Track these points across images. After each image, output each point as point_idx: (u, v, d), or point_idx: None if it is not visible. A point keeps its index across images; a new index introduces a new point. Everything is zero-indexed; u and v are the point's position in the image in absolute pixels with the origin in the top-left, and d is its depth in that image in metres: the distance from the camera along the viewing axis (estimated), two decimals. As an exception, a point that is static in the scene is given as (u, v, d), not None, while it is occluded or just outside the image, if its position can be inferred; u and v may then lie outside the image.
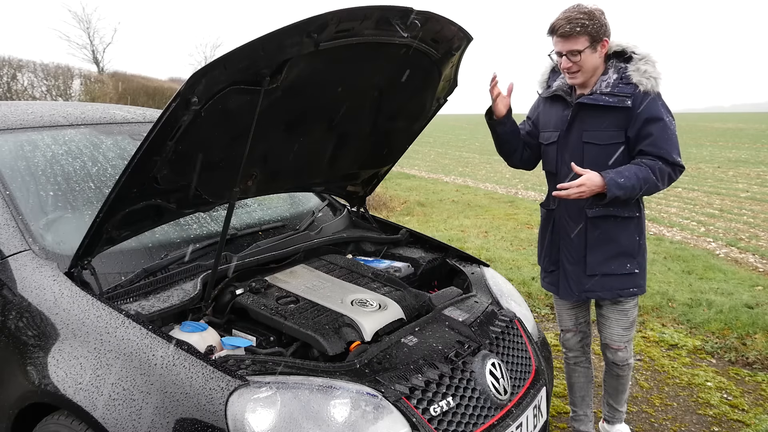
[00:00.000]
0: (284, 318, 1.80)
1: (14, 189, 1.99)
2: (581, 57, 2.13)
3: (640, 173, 2.11)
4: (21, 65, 16.07)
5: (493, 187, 12.22)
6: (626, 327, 2.37)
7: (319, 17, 1.56)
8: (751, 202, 9.57)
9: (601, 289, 2.30)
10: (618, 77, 2.18)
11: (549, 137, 2.36)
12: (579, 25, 2.09)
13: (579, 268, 2.31)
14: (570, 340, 2.53)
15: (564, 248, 2.35)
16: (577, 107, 2.23)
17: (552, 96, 2.36)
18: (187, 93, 1.49)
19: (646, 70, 2.14)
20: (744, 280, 5.13)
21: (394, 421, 1.52)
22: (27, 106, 2.54)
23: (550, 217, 2.41)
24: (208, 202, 1.99)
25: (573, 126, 2.26)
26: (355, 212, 2.83)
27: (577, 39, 2.11)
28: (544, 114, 2.42)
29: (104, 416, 1.45)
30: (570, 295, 2.37)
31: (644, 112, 2.13)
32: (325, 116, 2.10)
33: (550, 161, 2.39)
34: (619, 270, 2.27)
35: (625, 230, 2.26)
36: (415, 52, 1.99)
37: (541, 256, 2.52)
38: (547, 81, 2.42)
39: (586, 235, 2.27)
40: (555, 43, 2.18)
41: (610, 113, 2.17)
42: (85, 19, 33.22)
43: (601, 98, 2.16)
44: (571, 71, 2.18)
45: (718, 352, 3.65)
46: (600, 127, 2.20)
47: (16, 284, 1.73)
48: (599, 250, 2.27)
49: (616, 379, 2.50)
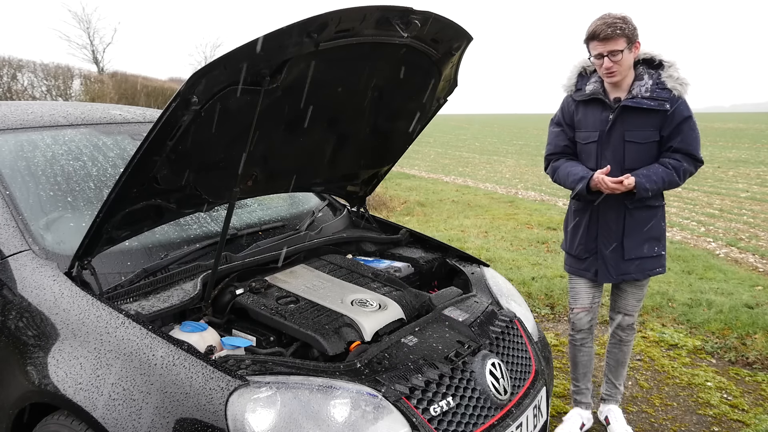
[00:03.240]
0: (284, 318, 1.80)
1: (14, 189, 1.99)
2: (621, 57, 2.32)
3: (666, 177, 2.39)
4: (21, 65, 16.06)
5: (493, 187, 12.22)
6: (639, 299, 2.67)
7: (319, 17, 1.56)
8: (751, 202, 9.57)
9: (636, 271, 2.55)
10: (653, 83, 2.40)
11: (587, 137, 2.53)
12: (618, 27, 2.29)
13: (617, 254, 2.53)
14: (582, 319, 2.71)
15: (602, 236, 2.55)
16: (620, 109, 2.42)
17: (587, 99, 2.52)
18: (187, 93, 1.49)
19: (678, 76, 2.38)
20: (744, 280, 5.13)
21: (394, 421, 1.52)
22: (27, 106, 2.54)
23: (587, 207, 2.58)
24: (208, 202, 1.99)
25: (615, 126, 2.45)
26: (355, 212, 2.83)
27: (617, 40, 2.30)
28: (578, 115, 2.57)
29: (104, 416, 1.45)
30: (608, 279, 2.58)
31: (677, 114, 2.37)
32: (325, 116, 2.10)
33: (588, 158, 2.55)
34: (650, 253, 2.55)
35: (654, 217, 2.54)
36: (415, 52, 1.99)
37: (573, 244, 2.65)
38: (575, 85, 2.59)
39: (625, 223, 2.50)
40: (594, 47, 2.36)
41: (649, 115, 2.39)
42: (85, 19, 33.24)
43: (643, 102, 2.38)
44: (611, 71, 2.36)
45: (718, 352, 3.65)
46: (640, 128, 2.42)
47: (16, 284, 1.73)
48: (635, 237, 2.51)
49: (619, 346, 2.74)
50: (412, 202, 9.92)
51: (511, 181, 13.06)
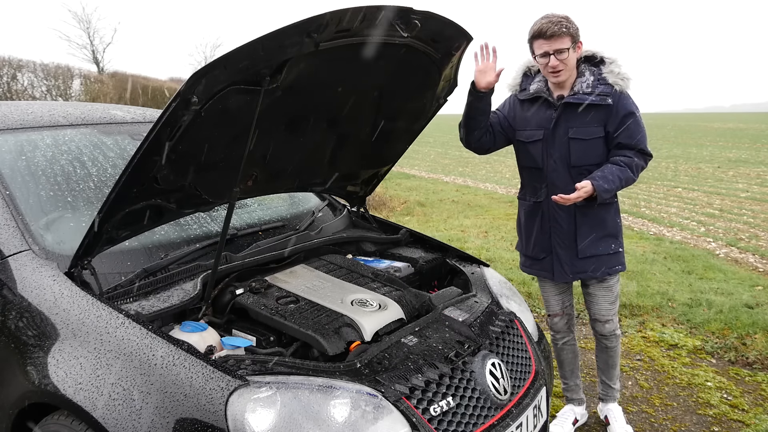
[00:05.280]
0: (284, 318, 1.80)
1: (14, 189, 1.99)
2: (567, 55, 2.32)
3: (622, 174, 2.36)
4: (21, 65, 16.04)
5: (493, 187, 12.23)
6: (611, 301, 2.62)
7: (319, 17, 1.57)
8: (751, 202, 9.57)
9: (592, 270, 2.53)
10: (594, 79, 2.40)
11: (532, 135, 2.52)
12: (563, 26, 2.29)
13: (571, 252, 2.52)
14: (558, 324, 2.74)
15: (555, 235, 2.53)
16: (563, 106, 2.41)
17: (531, 98, 2.52)
18: (187, 93, 1.49)
19: (619, 72, 2.38)
20: (744, 280, 5.13)
21: (394, 421, 1.52)
22: (27, 106, 2.54)
23: (537, 208, 2.57)
24: (208, 202, 1.99)
25: (559, 124, 2.44)
26: (355, 212, 2.83)
27: (562, 39, 2.30)
28: (522, 114, 2.56)
29: (104, 416, 1.45)
30: (564, 277, 2.57)
31: (621, 108, 2.38)
32: (325, 116, 2.10)
33: (533, 158, 2.53)
34: (606, 250, 2.52)
35: (607, 214, 2.51)
36: (415, 52, 1.99)
37: (528, 245, 2.65)
38: (520, 84, 2.59)
39: (576, 222, 2.49)
40: (539, 46, 2.34)
41: (592, 111, 2.39)
42: (85, 19, 33.16)
43: (585, 97, 2.38)
44: (557, 70, 2.35)
45: (718, 352, 3.65)
46: (584, 124, 2.41)
47: (16, 284, 1.73)
48: (588, 235, 2.49)
49: (606, 351, 2.72)
50: (412, 202, 9.93)
51: (511, 181, 13.06)
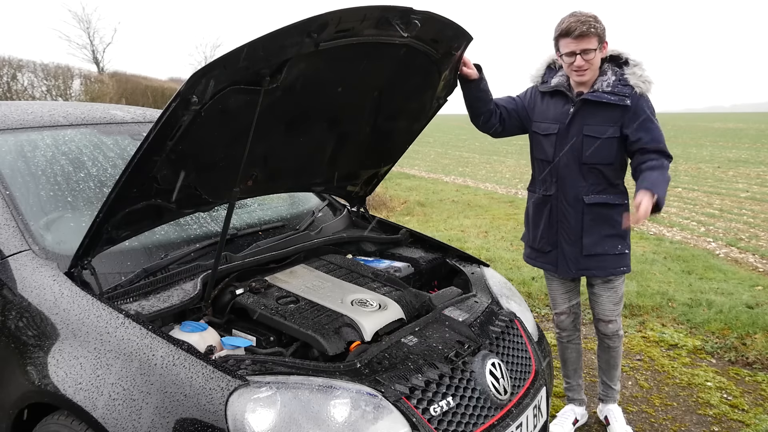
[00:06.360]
0: (284, 318, 1.80)
1: (14, 189, 1.99)
2: (594, 56, 2.31)
3: (663, 176, 2.33)
4: (21, 65, 16.04)
5: (493, 187, 12.22)
6: (616, 302, 2.62)
7: (319, 17, 1.57)
8: (751, 202, 9.56)
9: (596, 268, 2.53)
10: (616, 79, 2.39)
11: (547, 128, 2.52)
12: (591, 26, 2.28)
13: (576, 249, 2.52)
14: (564, 322, 2.76)
15: (562, 230, 2.54)
16: (580, 103, 2.41)
17: (551, 91, 2.51)
18: (187, 93, 1.49)
19: (642, 75, 2.37)
20: (744, 280, 5.13)
21: (394, 421, 1.52)
22: (27, 106, 2.54)
23: (546, 201, 2.56)
24: (208, 202, 1.99)
25: (575, 120, 2.43)
26: (355, 212, 2.83)
27: (590, 39, 2.29)
28: (541, 107, 2.56)
29: (104, 416, 1.45)
30: (568, 273, 2.58)
31: (639, 111, 2.36)
32: (325, 116, 2.10)
33: (545, 150, 2.53)
34: (612, 251, 2.51)
35: (616, 214, 2.48)
36: (415, 52, 1.99)
37: (534, 237, 2.65)
38: (542, 77, 2.59)
39: (583, 219, 2.48)
40: (566, 45, 2.32)
41: (609, 110, 2.38)
42: (85, 19, 33.22)
43: (603, 96, 2.37)
44: (583, 69, 2.34)
45: (718, 352, 3.65)
46: (600, 122, 2.40)
47: (16, 284, 1.73)
48: (594, 233, 2.49)
49: (608, 351, 2.73)
50: (412, 202, 9.92)
51: (511, 181, 13.06)
